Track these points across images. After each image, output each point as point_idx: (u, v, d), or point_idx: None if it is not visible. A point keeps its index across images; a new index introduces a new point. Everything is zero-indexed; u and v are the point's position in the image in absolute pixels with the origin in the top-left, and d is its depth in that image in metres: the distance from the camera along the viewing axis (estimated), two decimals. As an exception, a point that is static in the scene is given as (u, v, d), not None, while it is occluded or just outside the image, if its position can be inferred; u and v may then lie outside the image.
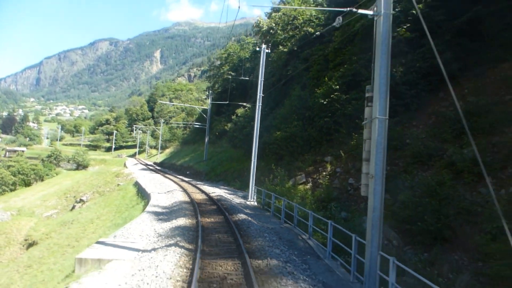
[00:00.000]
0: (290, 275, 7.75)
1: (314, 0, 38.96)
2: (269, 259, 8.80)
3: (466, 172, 15.32)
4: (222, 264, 8.34)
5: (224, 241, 10.65)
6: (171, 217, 14.53)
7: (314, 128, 26.54)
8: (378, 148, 7.94)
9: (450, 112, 19.99)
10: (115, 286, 7.09)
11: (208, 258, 8.71)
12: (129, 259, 8.97)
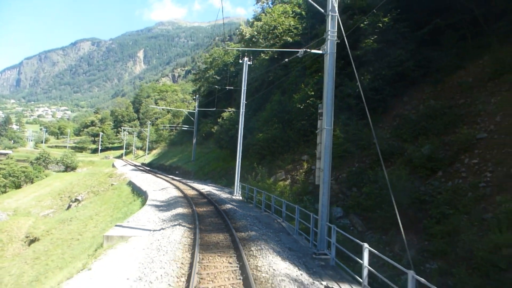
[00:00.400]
0: (264, 242, 10.94)
1: (293, 11, 42.25)
2: (250, 232, 12.00)
3: (421, 168, 18.73)
4: (215, 236, 11.48)
5: (215, 222, 13.81)
6: (170, 208, 17.60)
7: (292, 130, 29.85)
8: (326, 149, 11.18)
9: (412, 115, 23.53)
10: (141, 249, 10.17)
11: (205, 232, 11.83)
12: (145, 235, 12.04)
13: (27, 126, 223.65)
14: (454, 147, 18.39)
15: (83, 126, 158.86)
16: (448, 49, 24.47)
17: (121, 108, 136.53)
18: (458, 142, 18.18)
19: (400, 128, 23.08)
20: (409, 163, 19.66)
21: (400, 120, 24.13)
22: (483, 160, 16.89)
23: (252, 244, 10.52)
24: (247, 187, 23.81)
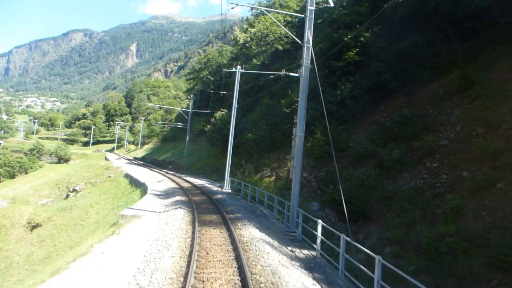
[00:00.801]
0: (248, 221, 14.18)
1: (284, 19, 45.49)
2: (236, 214, 15.24)
3: (390, 169, 22.09)
4: (209, 216, 14.68)
5: (209, 207, 17.01)
6: (169, 196, 20.76)
7: (279, 132, 33.15)
8: (298, 151, 14.43)
9: (387, 122, 26.92)
10: (153, 223, 13.33)
11: (201, 214, 15.02)
12: (153, 215, 15.18)
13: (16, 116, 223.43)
14: (419, 152, 21.78)
15: (74, 118, 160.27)
16: (423, 63, 27.82)
17: (113, 102, 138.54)
18: (423, 148, 21.52)
19: (375, 134, 26.47)
20: (380, 165, 23.04)
21: (375, 126, 27.51)
22: (441, 164, 20.29)
23: (238, 222, 13.76)
24: (235, 182, 27.03)
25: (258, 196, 20.88)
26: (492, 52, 23.44)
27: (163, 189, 24.77)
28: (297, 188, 14.37)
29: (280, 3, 49.41)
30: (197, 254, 8.95)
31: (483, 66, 23.31)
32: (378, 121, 27.79)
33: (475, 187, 16.72)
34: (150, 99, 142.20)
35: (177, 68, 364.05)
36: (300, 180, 27.56)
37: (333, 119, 28.81)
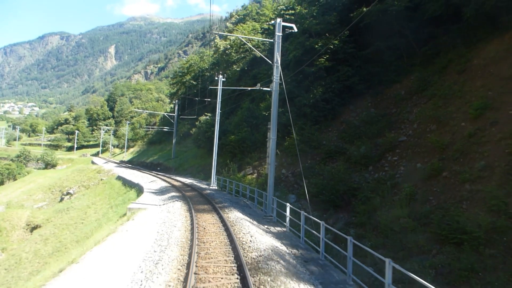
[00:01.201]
0: (233, 208, 17.73)
1: (261, 27, 49.11)
2: (224, 204, 18.80)
3: (357, 163, 25.79)
4: (202, 206, 18.18)
5: (200, 200, 20.51)
6: (165, 193, 24.14)
7: (259, 133, 36.72)
8: (272, 151, 18.04)
9: (355, 121, 30.73)
10: (157, 213, 16.73)
11: (195, 204, 18.49)
12: (155, 207, 18.57)
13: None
14: (382, 147, 25.59)
15: (56, 123, 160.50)
16: (387, 67, 31.54)
17: (96, 106, 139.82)
18: (385, 144, 25.30)
19: (345, 132, 30.27)
20: (349, 160, 26.81)
21: (345, 125, 31.32)
22: (400, 158, 24.16)
23: (225, 209, 17.32)
24: (221, 179, 30.54)
25: (241, 190, 24.45)
26: (445, 56, 27.27)
27: (157, 188, 28.09)
28: (272, 181, 18.00)
29: (257, 11, 53.00)
30: (197, 229, 12.44)
31: (438, 69, 27.18)
32: (348, 120, 31.60)
33: (425, 176, 20.38)
34: (133, 102, 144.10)
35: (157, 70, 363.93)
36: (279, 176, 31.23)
37: (308, 120, 32.50)
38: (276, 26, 18.52)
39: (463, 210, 16.72)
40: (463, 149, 19.61)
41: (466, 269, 13.35)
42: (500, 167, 17.07)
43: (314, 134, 31.53)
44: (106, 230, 15.51)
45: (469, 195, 17.40)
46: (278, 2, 53.98)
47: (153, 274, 7.82)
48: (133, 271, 8.17)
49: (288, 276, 8.11)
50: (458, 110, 22.54)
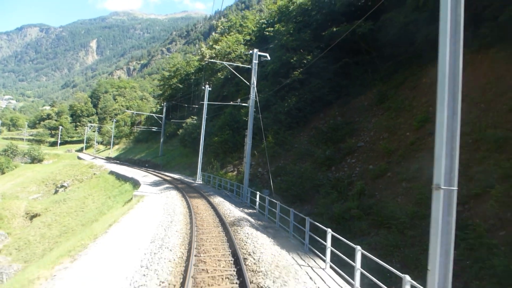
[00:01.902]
0: (217, 196, 23.24)
1: (244, 39, 54.55)
2: (209, 193, 24.32)
3: (323, 164, 31.35)
4: (193, 194, 23.61)
5: (191, 190, 25.95)
6: (159, 185, 29.41)
7: (239, 136, 42.09)
8: (248, 154, 23.61)
9: (324, 127, 36.48)
10: (159, 198, 22.07)
11: (187, 193, 23.87)
12: (155, 194, 23.87)
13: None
14: (344, 151, 31.24)
15: (38, 118, 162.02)
16: (354, 80, 37.17)
17: (80, 103, 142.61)
18: (347, 148, 30.88)
19: (314, 137, 35.88)
20: (315, 161, 32.40)
21: (315, 131, 36.94)
22: (357, 160, 29.89)
23: (211, 196, 22.83)
24: (206, 175, 35.94)
25: (223, 184, 29.95)
26: (402, 74, 32.90)
27: (151, 181, 33.30)
28: (247, 176, 23.57)
29: (240, 23, 58.46)
30: (192, 206, 17.89)
31: (395, 84, 32.90)
32: (317, 127, 37.27)
33: (374, 176, 26.00)
34: (117, 99, 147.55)
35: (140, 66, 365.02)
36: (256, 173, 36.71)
37: (282, 125, 38.06)
38: (253, 55, 24.08)
39: (398, 203, 22.45)
40: (405, 154, 25.40)
41: (392, 245, 18.75)
42: (428, 169, 22.93)
43: (287, 138, 37.03)
44: (120, 210, 20.72)
45: (404, 191, 23.17)
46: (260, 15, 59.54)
47: (169, 227, 13.26)
48: (156, 226, 13.57)
49: (252, 229, 13.67)
50: (405, 121, 28.43)
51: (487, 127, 20.99)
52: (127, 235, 12.07)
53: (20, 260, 28.59)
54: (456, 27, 5.71)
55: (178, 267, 8.78)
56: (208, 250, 10.25)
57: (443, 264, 5.62)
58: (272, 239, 12.76)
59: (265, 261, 9.35)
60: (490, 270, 13.17)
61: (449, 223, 5.51)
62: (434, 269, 5.68)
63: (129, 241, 11.26)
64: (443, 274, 5.65)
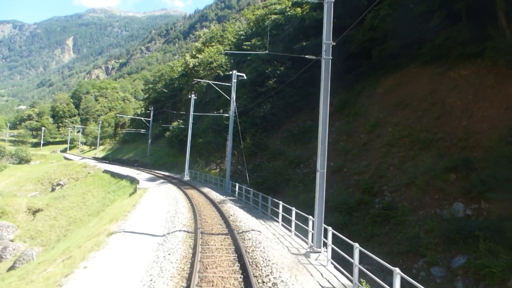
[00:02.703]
0: (205, 187, 29.81)
1: (225, 49, 60.94)
2: (199, 186, 30.89)
3: (293, 162, 38.18)
4: (186, 186, 30.08)
5: (183, 183, 32.45)
6: (155, 180, 35.73)
7: (221, 138, 48.57)
8: (229, 153, 30.25)
9: (295, 130, 43.36)
10: (159, 189, 28.48)
11: (181, 185, 30.31)
12: (156, 187, 30.24)
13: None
14: (311, 151, 38.01)
15: (19, 119, 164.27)
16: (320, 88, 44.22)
17: (62, 104, 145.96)
18: (313, 148, 37.17)
19: (286, 138, 42.72)
20: (287, 159, 39.21)
21: (287, 133, 43.79)
22: None
23: (200, 187, 29.44)
24: (193, 172, 42.38)
25: (208, 179, 36.51)
26: (361, 83, 39.96)
27: (146, 177, 39.53)
28: (229, 171, 30.20)
29: (221, 34, 64.89)
30: (188, 194, 24.41)
31: (355, 93, 39.88)
32: (289, 129, 44.10)
33: (333, 171, 32.74)
34: (98, 100, 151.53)
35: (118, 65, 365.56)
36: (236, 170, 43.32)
37: (258, 128, 44.71)
38: (232, 76, 30.69)
39: (349, 192, 29.45)
40: (358, 153, 32.35)
41: (341, 224, 25.35)
42: (374, 165, 29.89)
43: (263, 140, 43.68)
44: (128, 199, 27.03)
45: (355, 183, 30.13)
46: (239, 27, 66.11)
47: (177, 204, 19.78)
48: (167, 204, 20.06)
49: (233, 205, 20.33)
50: (360, 126, 35.50)
51: (420, 131, 28.16)
52: (150, 209, 18.57)
53: (37, 245, 34.28)
54: (326, 92, 12.41)
55: (190, 221, 15.39)
56: (206, 214, 16.86)
57: (320, 214, 12.34)
58: (246, 212, 19.46)
59: (240, 219, 16.06)
60: (406, 237, 20.02)
61: (323, 189, 12.20)
62: (316, 218, 12.39)
63: (153, 212, 17.78)
64: (319, 221, 12.35)
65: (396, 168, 28.00)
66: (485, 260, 15.39)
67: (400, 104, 33.28)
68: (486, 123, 23.75)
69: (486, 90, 25.83)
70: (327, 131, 12.52)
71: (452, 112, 26.91)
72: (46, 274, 11.44)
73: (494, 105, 24.38)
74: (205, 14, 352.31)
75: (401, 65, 36.54)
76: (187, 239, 12.36)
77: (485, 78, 26.34)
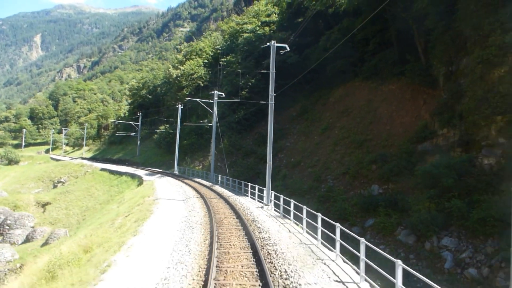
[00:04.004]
0: (196, 179, 40.83)
1: (204, 62, 71.65)
2: (190, 178, 41.90)
3: (262, 159, 49.39)
4: (181, 178, 40.97)
5: (178, 176, 43.32)
6: (154, 175, 46.42)
7: (203, 139, 59.61)
8: (213, 152, 41.31)
9: (264, 132, 54.76)
10: (162, 180, 39.31)
11: (178, 178, 41.14)
12: (158, 179, 40.99)
13: None
14: (277, 149, 49.52)
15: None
16: (287, 96, 55.36)
17: (41, 105, 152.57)
18: (279, 147, 49.19)
19: (257, 140, 54.09)
20: (257, 157, 50.61)
21: (258, 135, 55.16)
22: (284, 156, 48.41)
23: (192, 178, 40.46)
24: (181, 168, 53.18)
25: (195, 173, 47.50)
26: (318, 93, 51.69)
27: (145, 173, 50.01)
28: (213, 166, 41.27)
29: (200, 48, 75.58)
30: (186, 182, 35.35)
31: (313, 101, 51.52)
32: (260, 132, 55.38)
33: (293, 165, 44.24)
34: (77, 102, 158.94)
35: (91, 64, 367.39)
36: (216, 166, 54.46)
37: (234, 131, 55.88)
38: (214, 94, 41.68)
39: (304, 181, 41.03)
40: (312, 151, 43.92)
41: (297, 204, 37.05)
42: (323, 160, 41.48)
43: (238, 141, 54.83)
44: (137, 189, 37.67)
45: (308, 174, 41.65)
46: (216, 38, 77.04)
47: (183, 187, 30.80)
48: (176, 188, 31.01)
49: (219, 187, 31.52)
50: (315, 129, 47.18)
51: (357, 134, 39.85)
52: (166, 190, 29.60)
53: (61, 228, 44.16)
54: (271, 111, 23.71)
55: (196, 194, 26.53)
56: (204, 192, 27.99)
57: (268, 187, 23.71)
58: (229, 191, 30.70)
59: (226, 194, 27.36)
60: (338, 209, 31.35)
61: (270, 174, 23.54)
62: (266, 188, 23.74)
63: (169, 190, 28.77)
64: (268, 190, 23.71)
65: (338, 162, 39.58)
66: (382, 219, 26.44)
67: (345, 111, 44.75)
68: (402, 127, 35.19)
69: (405, 102, 37.31)
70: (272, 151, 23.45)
71: (380, 119, 38.56)
72: (124, 227, 22.23)
73: (409, 114, 35.97)
74: (178, 12, 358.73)
75: (348, 79, 47.14)
76: (199, 199, 23.56)
77: (405, 93, 37.64)
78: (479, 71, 24.26)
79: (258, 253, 11.14)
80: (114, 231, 19.02)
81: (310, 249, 12.58)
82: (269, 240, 13.30)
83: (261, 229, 15.17)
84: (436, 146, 28.97)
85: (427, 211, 23.52)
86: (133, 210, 23.36)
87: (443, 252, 21.25)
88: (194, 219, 17.12)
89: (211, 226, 15.11)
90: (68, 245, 18.63)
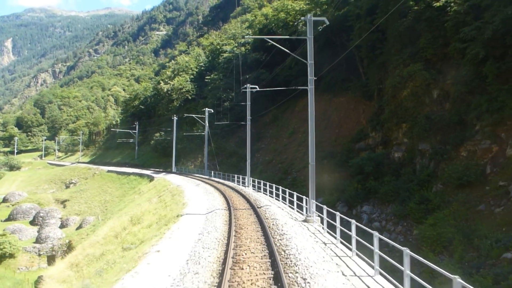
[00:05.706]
0: (194, 175, 55.38)
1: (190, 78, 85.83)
2: (188, 174, 56.40)
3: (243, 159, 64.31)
4: (183, 175, 55.39)
5: (180, 174, 57.70)
6: (160, 173, 60.59)
7: (194, 144, 74.13)
8: (206, 155, 55.87)
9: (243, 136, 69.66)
10: (169, 176, 53.69)
11: (180, 174, 55.46)
12: (165, 175, 55.26)
13: None
14: (255, 150, 64.78)
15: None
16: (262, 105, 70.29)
17: (29, 114, 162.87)
18: (256, 149, 64.40)
19: (239, 142, 69.01)
20: (239, 157, 65.58)
21: (239, 139, 70.15)
22: (260, 155, 63.67)
23: (191, 174, 54.95)
24: (178, 167, 67.44)
25: (191, 171, 61.94)
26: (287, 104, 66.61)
27: (150, 172, 63.91)
28: (206, 165, 55.82)
29: (186, 65, 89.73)
30: (189, 177, 49.78)
31: (282, 110, 66.55)
32: (240, 136, 70.26)
33: (267, 163, 59.58)
34: (63, 109, 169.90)
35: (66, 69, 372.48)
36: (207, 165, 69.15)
37: (220, 136, 70.67)
38: (206, 112, 56.25)
39: (275, 174, 56.13)
40: (282, 151, 59.14)
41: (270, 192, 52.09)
42: (289, 158, 56.71)
43: (223, 144, 69.55)
44: (154, 182, 51.84)
45: (279, 169, 56.82)
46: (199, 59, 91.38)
47: (191, 180, 45.32)
48: (187, 181, 45.46)
49: (215, 179, 46.21)
50: (284, 133, 62.47)
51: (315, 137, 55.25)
52: (180, 181, 44.10)
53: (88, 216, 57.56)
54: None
55: (206, 184, 41.14)
56: (207, 182, 42.59)
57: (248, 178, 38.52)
58: (223, 180, 45.42)
59: (222, 182, 42.08)
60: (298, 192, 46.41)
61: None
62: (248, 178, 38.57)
63: (183, 182, 43.29)
64: (248, 177, 38.52)
65: (300, 159, 54.55)
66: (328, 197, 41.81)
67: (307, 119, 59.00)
68: (347, 131, 50.43)
69: (350, 111, 52.64)
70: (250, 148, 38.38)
71: (332, 124, 53.89)
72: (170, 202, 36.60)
73: (352, 120, 51.30)
74: (153, 16, 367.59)
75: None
76: (210, 186, 38.25)
77: (350, 104, 52.88)
78: (391, 92, 39.32)
79: (250, 200, 25.95)
80: (160, 204, 33.46)
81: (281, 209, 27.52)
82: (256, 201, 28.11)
83: (247, 193, 29.97)
84: (368, 145, 44.08)
85: (355, 190, 38.23)
86: (162, 193, 37.76)
87: (362, 215, 36.36)
88: (211, 190, 31.96)
89: (223, 193, 29.85)
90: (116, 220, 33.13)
